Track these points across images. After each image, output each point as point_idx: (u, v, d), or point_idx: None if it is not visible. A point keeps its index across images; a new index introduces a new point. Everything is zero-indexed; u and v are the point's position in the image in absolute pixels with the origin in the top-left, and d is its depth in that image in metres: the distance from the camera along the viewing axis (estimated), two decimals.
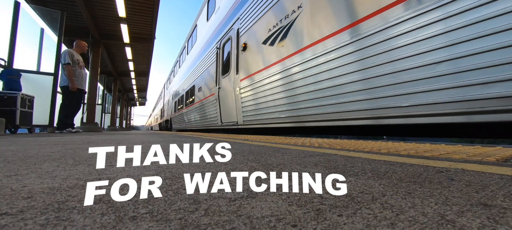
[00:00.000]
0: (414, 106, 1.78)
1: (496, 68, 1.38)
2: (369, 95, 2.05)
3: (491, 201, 0.44)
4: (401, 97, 1.83)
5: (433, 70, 1.64)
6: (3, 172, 0.70)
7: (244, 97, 4.13)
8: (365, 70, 2.05)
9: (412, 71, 1.75)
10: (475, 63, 1.46)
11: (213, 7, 6.30)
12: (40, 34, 6.07)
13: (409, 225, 0.34)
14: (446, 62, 1.58)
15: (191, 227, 0.33)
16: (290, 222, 0.35)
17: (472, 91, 1.48)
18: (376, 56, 1.97)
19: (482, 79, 1.44)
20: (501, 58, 1.36)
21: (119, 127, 17.72)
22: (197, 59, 7.56)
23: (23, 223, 0.34)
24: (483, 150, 1.23)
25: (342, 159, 0.98)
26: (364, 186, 0.55)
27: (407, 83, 1.79)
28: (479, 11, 1.44)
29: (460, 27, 1.51)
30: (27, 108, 4.56)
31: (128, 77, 14.25)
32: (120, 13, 6.85)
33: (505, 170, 0.72)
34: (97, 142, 2.15)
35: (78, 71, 4.75)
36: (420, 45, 1.72)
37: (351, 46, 2.18)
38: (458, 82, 1.53)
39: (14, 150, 1.29)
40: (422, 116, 1.75)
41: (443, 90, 1.61)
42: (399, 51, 1.82)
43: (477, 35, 1.44)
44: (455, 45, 1.53)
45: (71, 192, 0.49)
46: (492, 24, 1.39)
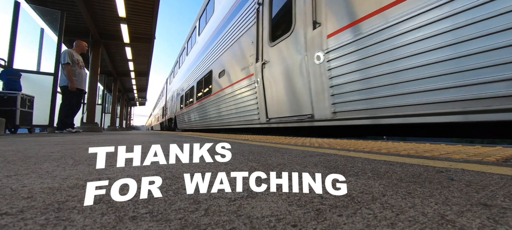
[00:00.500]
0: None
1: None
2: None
3: (491, 201, 0.44)
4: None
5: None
6: (3, 172, 0.70)
7: (339, 69, 2.28)
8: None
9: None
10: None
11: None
12: (40, 34, 6.07)
13: (409, 225, 0.34)
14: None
15: (191, 227, 0.33)
16: (290, 222, 0.35)
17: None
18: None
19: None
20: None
21: (119, 127, 17.71)
22: (215, 36, 5.75)
23: (23, 223, 0.34)
24: (483, 150, 1.23)
25: (342, 159, 0.98)
26: (364, 186, 0.55)
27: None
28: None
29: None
30: (27, 108, 4.56)
31: (128, 77, 14.23)
32: (120, 13, 6.85)
33: (505, 170, 0.72)
34: (97, 142, 2.15)
35: (78, 71, 4.75)
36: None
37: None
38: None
39: (14, 150, 1.29)
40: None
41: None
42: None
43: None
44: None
45: (71, 192, 0.49)
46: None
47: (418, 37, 1.71)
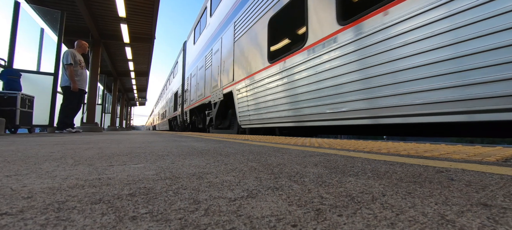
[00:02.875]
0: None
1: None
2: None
3: (491, 201, 0.44)
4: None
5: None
6: (3, 172, 0.70)
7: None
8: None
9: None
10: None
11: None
12: (40, 34, 6.07)
13: (409, 225, 0.34)
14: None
15: (191, 227, 0.33)
16: (290, 222, 0.34)
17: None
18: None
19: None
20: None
21: (119, 127, 17.71)
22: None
23: (23, 223, 0.34)
24: (483, 150, 1.23)
25: (342, 159, 0.98)
26: (364, 186, 0.55)
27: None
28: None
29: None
30: (27, 108, 4.56)
31: (128, 77, 14.23)
32: (120, 13, 6.86)
33: (505, 170, 0.72)
34: (97, 142, 2.15)
35: (80, 72, 4.77)
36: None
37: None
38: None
39: (14, 150, 1.29)
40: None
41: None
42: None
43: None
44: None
45: (71, 192, 0.49)
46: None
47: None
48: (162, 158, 1.02)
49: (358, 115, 2.30)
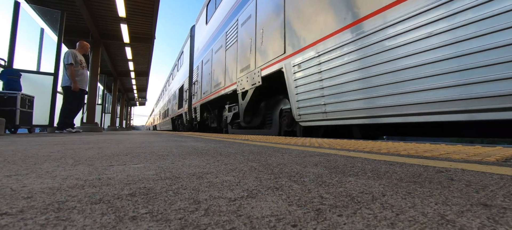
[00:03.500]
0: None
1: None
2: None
3: (491, 201, 0.44)
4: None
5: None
6: (3, 172, 0.70)
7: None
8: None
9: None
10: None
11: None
12: (40, 34, 6.08)
13: (409, 225, 0.33)
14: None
15: (191, 227, 0.33)
16: (290, 222, 0.34)
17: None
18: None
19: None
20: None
21: (119, 127, 17.70)
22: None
23: (23, 223, 0.34)
24: (483, 150, 1.23)
25: (342, 159, 0.98)
26: (364, 186, 0.55)
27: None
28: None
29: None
30: (27, 108, 4.56)
31: (128, 77, 14.23)
32: (120, 13, 6.86)
33: (505, 170, 0.72)
34: (97, 141, 2.15)
35: (80, 72, 4.78)
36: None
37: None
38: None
39: (14, 150, 1.29)
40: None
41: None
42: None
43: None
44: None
45: (71, 192, 0.49)
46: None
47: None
48: (162, 158, 1.02)
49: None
